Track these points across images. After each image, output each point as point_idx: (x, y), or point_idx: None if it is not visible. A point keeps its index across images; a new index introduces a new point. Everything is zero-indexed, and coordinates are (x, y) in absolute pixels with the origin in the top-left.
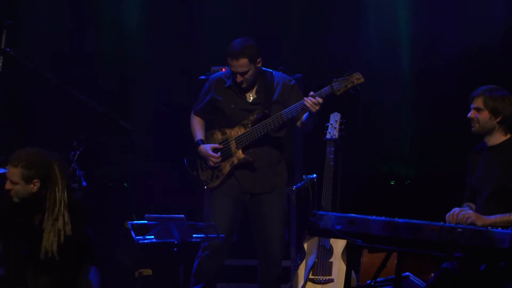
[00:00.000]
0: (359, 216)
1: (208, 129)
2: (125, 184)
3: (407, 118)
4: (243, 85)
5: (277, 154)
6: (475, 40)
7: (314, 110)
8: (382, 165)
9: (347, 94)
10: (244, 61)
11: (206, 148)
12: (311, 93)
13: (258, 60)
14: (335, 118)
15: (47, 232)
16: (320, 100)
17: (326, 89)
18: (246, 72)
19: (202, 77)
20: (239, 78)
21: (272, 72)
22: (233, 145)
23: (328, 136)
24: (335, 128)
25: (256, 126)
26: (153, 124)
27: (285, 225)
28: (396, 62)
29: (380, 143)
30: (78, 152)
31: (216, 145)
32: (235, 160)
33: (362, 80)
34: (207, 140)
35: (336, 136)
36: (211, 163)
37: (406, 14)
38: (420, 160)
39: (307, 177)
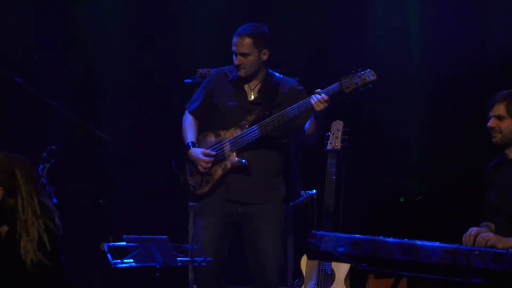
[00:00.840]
0: (364, 237)
1: (202, 131)
2: (100, 201)
3: (417, 128)
4: (241, 73)
5: (276, 164)
6: (490, 47)
7: (318, 108)
8: (390, 180)
9: (357, 92)
10: (248, 41)
11: (197, 151)
12: (318, 90)
13: (264, 50)
14: (337, 127)
15: (20, 247)
16: (326, 98)
17: (334, 86)
18: (246, 55)
19: (188, 80)
20: (238, 60)
21: (280, 76)
22: (226, 148)
23: (329, 146)
24: (337, 137)
25: (253, 127)
26: (133, 134)
27: (283, 245)
28: (404, 68)
29: (388, 155)
30: (48, 165)
31: (208, 151)
32: (228, 164)
33: (375, 77)
34: (200, 143)
35: (338, 146)
36: (201, 169)
37: (416, 19)
38: (433, 174)
39: (305, 193)
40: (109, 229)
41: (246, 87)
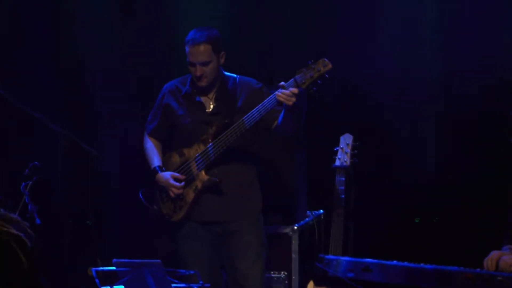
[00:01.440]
0: (376, 261)
1: (165, 151)
2: (88, 221)
3: (434, 141)
4: (202, 83)
5: (248, 174)
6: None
7: (290, 102)
8: (405, 199)
9: (315, 86)
10: (206, 48)
11: (166, 176)
12: (282, 83)
13: (222, 53)
14: (346, 141)
15: None
16: (296, 91)
17: (290, 82)
18: (207, 64)
19: None
20: (198, 71)
21: (235, 77)
22: (193, 167)
23: (337, 162)
24: (346, 153)
25: (216, 140)
26: (124, 149)
27: (264, 263)
28: (419, 77)
29: (402, 172)
30: (31, 182)
31: (178, 175)
32: (199, 184)
33: (330, 66)
34: (165, 165)
35: (348, 162)
36: (173, 194)
37: (433, 22)
38: (451, 192)
39: (312, 213)
40: (97, 252)
41: (203, 98)
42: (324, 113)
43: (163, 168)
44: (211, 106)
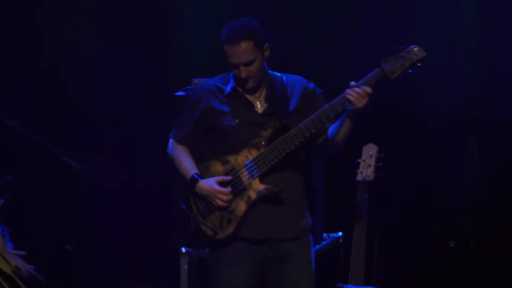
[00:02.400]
0: None
1: (199, 162)
2: (68, 246)
3: (472, 154)
4: (249, 84)
5: (302, 185)
6: None
7: (361, 104)
8: (437, 220)
9: (405, 76)
10: (248, 45)
11: (209, 183)
12: (352, 82)
13: (265, 46)
14: (369, 152)
15: None
16: (369, 90)
17: (375, 73)
18: (251, 63)
19: (180, 93)
20: (243, 73)
21: (281, 75)
22: (244, 175)
23: (359, 177)
24: (369, 165)
25: (274, 144)
26: (111, 162)
27: None
28: (453, 79)
29: (433, 188)
30: (2, 200)
31: (221, 177)
32: (253, 195)
33: (424, 54)
34: (203, 175)
35: (371, 177)
36: (220, 203)
37: (471, 17)
38: (491, 213)
39: (329, 236)
40: (79, 281)
41: (250, 97)
42: None
43: (203, 177)
44: (262, 106)
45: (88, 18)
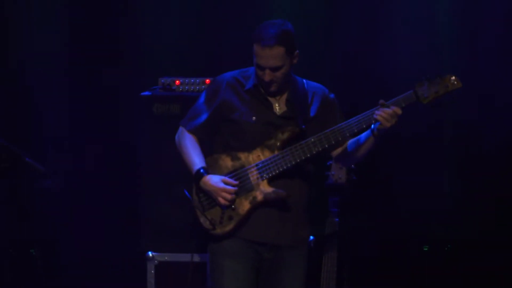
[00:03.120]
0: None
1: (208, 153)
2: (32, 250)
3: (446, 156)
4: (271, 89)
5: (307, 195)
6: None
7: (388, 124)
8: (411, 224)
9: (438, 103)
10: (280, 50)
11: (215, 180)
12: (381, 101)
13: (296, 53)
14: None
15: None
16: (399, 111)
17: (407, 95)
18: (279, 68)
19: (146, 93)
20: (267, 76)
21: (303, 80)
22: (253, 175)
23: (331, 180)
24: (341, 168)
25: (289, 148)
26: (76, 164)
27: None
28: None
29: (408, 191)
30: None
31: (230, 179)
32: (259, 196)
33: (460, 85)
34: (210, 169)
35: (343, 180)
36: (223, 201)
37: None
38: (466, 216)
39: None
40: (42, 286)
41: (270, 98)
42: None
43: (209, 171)
44: (280, 108)
45: (50, 14)
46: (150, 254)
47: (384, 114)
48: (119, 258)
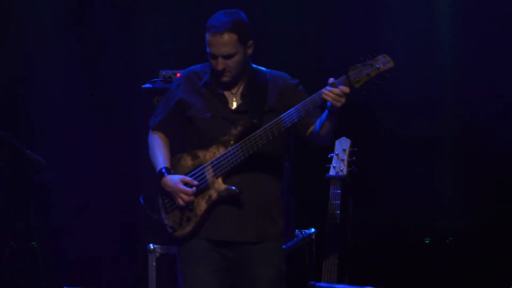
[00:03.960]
0: None
1: (174, 153)
2: (33, 242)
3: (447, 148)
4: (224, 78)
5: (274, 188)
6: None
7: (339, 104)
8: (412, 216)
9: (371, 86)
10: (231, 37)
11: (174, 180)
12: (331, 79)
13: (250, 43)
14: (342, 146)
15: None
16: (347, 90)
17: (340, 80)
18: (231, 56)
19: (147, 85)
20: (220, 65)
21: (266, 71)
22: (209, 173)
23: (332, 172)
24: (342, 160)
25: (241, 142)
26: (76, 157)
27: None
28: (425, 78)
29: (408, 184)
30: None
31: (189, 179)
32: (213, 194)
33: (392, 65)
34: (173, 169)
35: (344, 172)
36: (181, 202)
37: (448, 19)
38: (468, 208)
39: (301, 233)
40: (44, 278)
41: (226, 92)
42: None
43: (171, 171)
44: (236, 102)
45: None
46: (151, 246)
47: (332, 94)
48: (120, 250)
